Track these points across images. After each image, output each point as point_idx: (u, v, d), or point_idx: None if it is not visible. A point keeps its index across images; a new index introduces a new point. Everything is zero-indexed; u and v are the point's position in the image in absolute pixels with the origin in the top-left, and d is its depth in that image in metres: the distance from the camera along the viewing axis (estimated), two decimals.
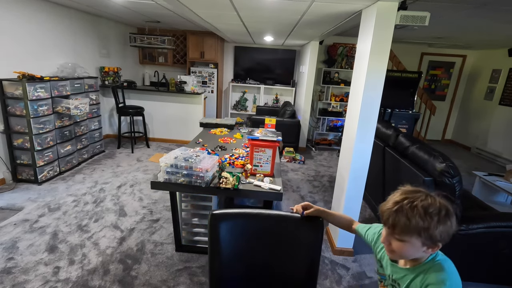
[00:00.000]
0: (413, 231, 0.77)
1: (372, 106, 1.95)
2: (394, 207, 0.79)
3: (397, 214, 0.78)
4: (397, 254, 0.83)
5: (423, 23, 1.89)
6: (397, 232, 0.78)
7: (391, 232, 0.80)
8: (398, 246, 0.80)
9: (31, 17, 3.26)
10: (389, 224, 0.79)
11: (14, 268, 1.89)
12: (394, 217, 0.78)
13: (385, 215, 0.80)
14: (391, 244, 0.82)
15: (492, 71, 5.49)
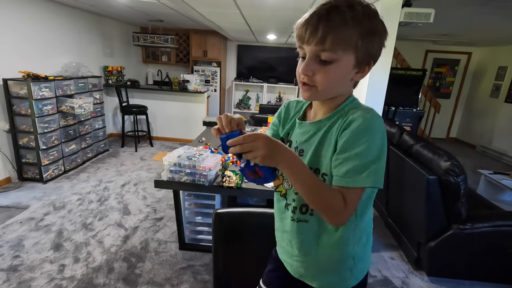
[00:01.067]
0: (350, 38, 0.59)
1: (376, 104, 1.94)
2: (324, 7, 0.59)
3: (330, 15, 0.58)
4: (319, 90, 0.64)
5: (428, 20, 1.87)
6: (328, 44, 0.58)
7: (318, 48, 0.59)
8: (325, 72, 0.61)
9: (36, 17, 3.28)
10: (317, 36, 0.58)
11: (20, 266, 1.91)
12: (325, 21, 0.58)
13: (310, 22, 0.59)
14: (314, 73, 0.62)
15: (498, 68, 5.42)
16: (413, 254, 2.13)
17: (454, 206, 1.85)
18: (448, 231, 1.89)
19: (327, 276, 0.77)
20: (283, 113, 0.83)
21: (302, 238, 0.75)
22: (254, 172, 0.65)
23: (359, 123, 0.62)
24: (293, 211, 0.75)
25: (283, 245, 0.83)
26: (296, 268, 0.80)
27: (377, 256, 2.25)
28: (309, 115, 0.77)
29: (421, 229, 1.99)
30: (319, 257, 0.75)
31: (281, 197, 0.79)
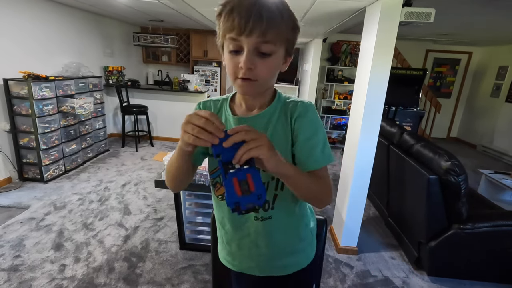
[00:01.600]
0: (285, 31, 0.60)
1: (376, 104, 1.93)
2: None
3: (269, 7, 0.57)
4: (260, 83, 0.63)
5: (428, 20, 1.87)
6: (270, 37, 0.57)
7: (260, 40, 0.57)
8: (265, 65, 0.60)
9: (36, 17, 3.29)
10: (261, 27, 0.56)
11: (21, 266, 1.92)
12: (268, 12, 0.56)
13: (252, 12, 0.55)
14: (256, 67, 0.59)
15: (499, 67, 5.41)
16: (414, 254, 2.13)
17: (455, 206, 1.85)
18: (449, 231, 1.89)
19: (295, 256, 0.81)
20: None
21: (270, 233, 0.76)
22: (244, 181, 0.52)
23: (311, 111, 0.68)
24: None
25: (243, 253, 0.80)
26: (264, 266, 0.80)
27: (378, 256, 2.25)
28: (239, 111, 0.73)
29: (421, 229, 1.99)
30: (287, 244, 0.79)
31: (224, 200, 0.76)
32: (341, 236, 2.25)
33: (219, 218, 0.81)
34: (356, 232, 2.21)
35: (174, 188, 0.76)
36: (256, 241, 0.76)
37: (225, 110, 0.75)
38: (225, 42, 0.62)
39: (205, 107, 0.76)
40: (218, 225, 0.83)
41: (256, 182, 0.52)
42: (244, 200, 0.51)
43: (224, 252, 0.85)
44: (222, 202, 0.77)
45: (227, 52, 0.62)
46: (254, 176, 0.52)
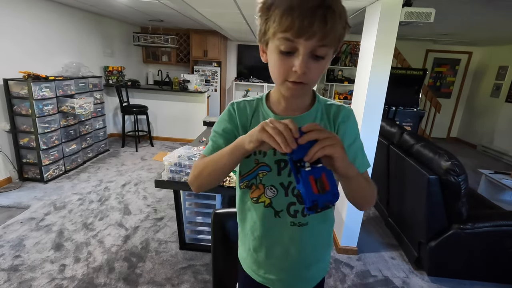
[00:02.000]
0: (341, 32, 0.56)
1: (376, 104, 1.93)
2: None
3: (332, 6, 0.53)
4: (310, 86, 0.62)
5: (428, 20, 1.87)
6: (329, 40, 0.55)
7: (319, 43, 0.54)
8: (318, 68, 0.58)
9: (36, 17, 3.29)
10: (324, 30, 0.53)
11: (21, 266, 1.92)
12: (331, 13, 0.53)
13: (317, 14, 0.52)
14: (310, 69, 0.57)
15: (499, 68, 5.41)
16: (414, 254, 2.13)
17: (455, 206, 1.85)
18: (449, 231, 1.89)
19: (321, 264, 0.81)
20: (237, 115, 0.72)
21: (304, 240, 0.73)
22: (319, 179, 0.52)
23: (353, 116, 0.72)
24: (294, 215, 0.71)
25: (270, 262, 0.76)
26: (291, 277, 0.76)
27: (378, 256, 2.25)
28: (278, 110, 0.71)
29: (421, 228, 1.99)
30: (317, 251, 0.78)
31: (266, 208, 0.72)
32: (341, 236, 2.25)
33: (249, 223, 0.76)
34: (356, 232, 2.21)
35: (203, 186, 0.71)
36: (288, 248, 0.73)
37: (262, 110, 0.72)
38: (274, 40, 0.58)
39: (239, 108, 0.73)
40: (246, 231, 0.78)
41: (331, 181, 0.52)
42: (321, 198, 0.51)
43: (249, 260, 0.80)
44: (257, 206, 0.73)
45: (275, 51, 0.58)
46: (328, 174, 0.53)
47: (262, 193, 0.72)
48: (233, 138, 0.68)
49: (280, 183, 0.70)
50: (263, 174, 0.71)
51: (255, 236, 0.76)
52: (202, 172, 0.69)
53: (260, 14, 0.60)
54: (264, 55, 0.66)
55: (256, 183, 0.72)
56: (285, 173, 0.70)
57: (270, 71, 0.63)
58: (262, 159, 0.70)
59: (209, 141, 0.74)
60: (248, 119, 0.72)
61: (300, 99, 0.69)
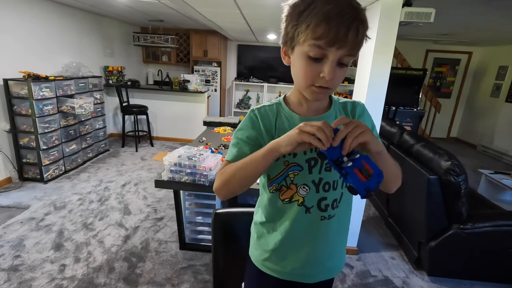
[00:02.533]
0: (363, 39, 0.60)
1: (376, 104, 1.93)
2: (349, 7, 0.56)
3: (362, 18, 0.57)
4: (332, 90, 0.65)
5: (428, 20, 1.87)
6: (357, 50, 0.60)
7: (348, 53, 0.58)
8: (342, 74, 0.63)
9: (36, 17, 3.29)
10: (355, 41, 0.57)
11: (21, 266, 1.92)
12: (362, 25, 0.57)
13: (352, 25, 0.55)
14: (336, 75, 0.61)
15: (499, 67, 5.42)
16: (414, 254, 2.13)
17: (455, 206, 1.85)
18: (449, 231, 1.89)
19: (341, 255, 0.84)
20: (261, 121, 0.73)
21: (330, 232, 0.77)
22: (363, 168, 0.56)
23: (365, 108, 0.78)
24: (324, 209, 0.74)
25: (298, 259, 0.77)
26: (317, 269, 0.80)
27: (378, 256, 2.25)
28: (300, 111, 0.74)
29: (421, 228, 1.99)
30: (339, 243, 0.82)
31: (299, 206, 0.73)
32: None
33: (280, 223, 0.77)
34: (356, 232, 2.21)
35: (232, 193, 0.72)
36: (317, 241, 0.76)
37: (284, 113, 0.74)
38: (303, 46, 0.60)
39: (260, 113, 0.74)
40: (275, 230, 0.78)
41: (371, 164, 0.57)
42: (370, 183, 0.56)
43: (272, 261, 0.80)
44: (289, 205, 0.74)
45: (304, 57, 0.61)
46: (367, 160, 0.57)
47: (294, 192, 0.73)
48: (258, 144, 0.71)
49: (312, 181, 0.72)
50: (295, 174, 0.72)
51: (285, 235, 0.77)
52: (231, 178, 0.69)
53: (289, 19, 0.62)
54: (286, 58, 0.68)
55: (287, 184, 0.73)
56: (316, 171, 0.72)
57: (294, 74, 0.66)
58: (293, 160, 0.71)
59: (231, 148, 0.75)
60: (271, 123, 0.73)
61: (321, 100, 0.73)
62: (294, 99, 0.74)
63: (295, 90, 0.73)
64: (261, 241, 0.83)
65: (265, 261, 0.82)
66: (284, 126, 0.72)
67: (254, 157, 0.65)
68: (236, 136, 0.75)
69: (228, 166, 0.71)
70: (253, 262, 0.85)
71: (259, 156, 0.65)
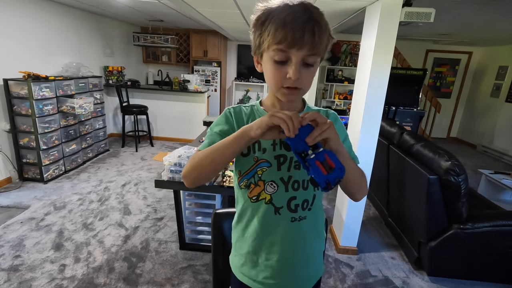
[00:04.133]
0: (326, 42, 0.64)
1: (376, 104, 1.93)
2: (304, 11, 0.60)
3: (318, 20, 0.61)
4: (303, 91, 0.68)
5: (428, 20, 1.87)
6: (317, 49, 0.62)
7: (309, 53, 0.62)
8: (310, 75, 0.66)
9: (36, 17, 3.29)
10: (313, 42, 0.60)
11: (21, 266, 1.92)
12: (318, 27, 0.61)
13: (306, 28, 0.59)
14: (302, 75, 0.64)
15: (499, 67, 5.41)
16: (414, 254, 2.13)
17: (455, 206, 1.85)
18: (449, 231, 1.89)
19: (317, 262, 0.83)
20: (234, 118, 0.76)
21: (302, 235, 0.76)
22: (325, 161, 0.59)
23: (338, 118, 0.79)
24: (294, 210, 0.73)
25: (269, 264, 0.76)
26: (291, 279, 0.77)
27: (378, 256, 2.25)
28: None
29: (421, 228, 1.99)
30: (314, 247, 0.81)
31: (266, 204, 0.74)
32: (341, 236, 2.25)
33: (249, 224, 0.77)
34: (356, 232, 2.21)
35: (201, 178, 0.72)
36: (287, 244, 0.75)
37: (258, 113, 0.77)
38: (268, 52, 0.64)
39: (235, 112, 0.77)
40: (245, 234, 0.78)
41: (334, 159, 0.59)
42: (331, 176, 0.58)
43: (247, 266, 0.80)
44: (256, 204, 0.75)
45: (270, 61, 0.65)
46: (330, 155, 0.60)
47: (262, 190, 0.73)
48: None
49: (280, 178, 0.72)
50: (263, 171, 0.73)
51: (255, 236, 0.76)
52: (201, 162, 0.69)
53: (254, 30, 0.67)
54: (259, 66, 0.72)
55: (255, 181, 0.74)
56: (285, 168, 0.72)
57: (266, 79, 0.70)
58: (262, 156, 0.72)
59: (205, 140, 0.76)
60: (244, 120, 0.77)
61: (293, 103, 0.76)
62: (269, 102, 0.77)
63: (270, 94, 0.76)
64: (237, 245, 0.83)
65: (242, 267, 0.81)
66: None
67: (226, 140, 0.67)
68: (210, 129, 0.78)
69: (197, 154, 0.72)
70: (232, 270, 0.85)
71: (230, 138, 0.66)
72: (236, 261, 0.83)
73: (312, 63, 0.64)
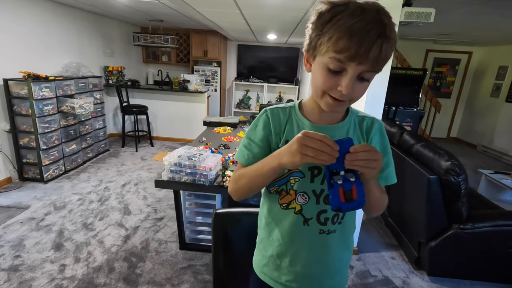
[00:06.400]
0: (391, 56, 0.58)
1: (376, 104, 1.93)
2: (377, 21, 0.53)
3: (389, 34, 0.54)
4: (350, 103, 0.64)
5: (428, 20, 1.87)
6: (380, 66, 0.57)
7: (369, 68, 0.56)
8: (363, 89, 0.61)
9: (36, 17, 3.29)
10: (378, 58, 0.55)
11: (21, 266, 1.92)
12: (387, 42, 0.54)
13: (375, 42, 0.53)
14: (354, 89, 0.59)
15: (499, 67, 5.41)
16: (414, 254, 2.13)
17: (455, 206, 1.85)
18: (449, 230, 1.89)
19: (342, 274, 0.81)
20: (272, 122, 0.73)
21: (331, 247, 0.74)
22: (349, 192, 0.58)
23: (384, 130, 0.73)
24: (324, 223, 0.71)
25: (294, 270, 0.75)
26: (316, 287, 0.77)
27: (378, 256, 2.25)
28: (313, 118, 0.72)
29: (421, 228, 1.99)
30: (341, 260, 0.78)
31: (296, 214, 0.72)
32: None
33: (276, 229, 0.76)
34: (356, 232, 2.21)
35: (243, 197, 0.75)
36: (314, 256, 0.74)
37: (296, 118, 0.73)
38: (323, 57, 0.58)
39: (273, 114, 0.73)
40: (272, 237, 0.77)
41: (359, 192, 0.58)
42: (346, 205, 0.58)
43: (270, 267, 0.79)
44: (286, 212, 0.73)
45: (323, 67, 0.59)
46: (358, 187, 0.58)
47: (293, 199, 0.72)
48: (268, 144, 0.73)
49: (312, 190, 0.70)
50: (296, 180, 0.71)
51: (281, 242, 0.75)
52: (242, 188, 0.73)
53: (313, 27, 0.60)
54: (308, 65, 0.66)
55: (287, 189, 0.72)
56: (318, 180, 0.70)
57: (313, 83, 0.64)
58: None
59: (243, 149, 0.75)
60: (281, 126, 0.73)
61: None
62: (309, 106, 0.73)
63: (311, 98, 0.71)
64: (260, 246, 0.82)
65: (264, 267, 0.80)
66: (292, 131, 0.71)
67: (261, 172, 0.67)
68: (248, 136, 0.75)
69: (239, 174, 0.73)
70: (254, 268, 0.85)
71: (265, 169, 0.66)
72: (258, 260, 0.83)
73: (368, 78, 0.59)
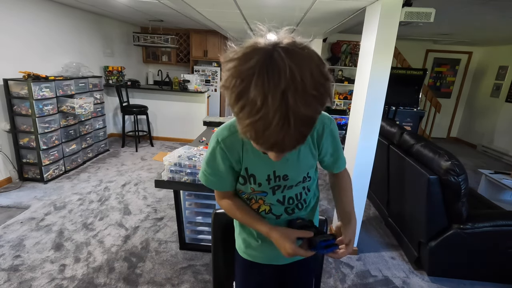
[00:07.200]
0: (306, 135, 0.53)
1: (377, 104, 1.93)
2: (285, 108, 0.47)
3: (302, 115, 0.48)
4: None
5: (428, 20, 1.87)
6: (299, 145, 0.54)
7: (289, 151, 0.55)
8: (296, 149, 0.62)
9: (36, 17, 3.29)
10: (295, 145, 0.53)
11: (21, 266, 1.92)
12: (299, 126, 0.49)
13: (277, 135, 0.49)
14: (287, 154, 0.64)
15: (499, 67, 5.41)
16: (414, 254, 2.13)
17: (455, 206, 1.85)
18: (449, 230, 1.89)
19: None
20: (229, 155, 0.75)
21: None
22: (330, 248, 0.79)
23: (334, 125, 0.80)
24: (292, 213, 0.86)
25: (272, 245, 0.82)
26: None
27: (378, 256, 2.25)
28: None
29: (421, 228, 1.99)
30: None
31: (266, 214, 0.85)
32: None
33: None
34: (356, 232, 2.21)
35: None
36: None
37: (249, 144, 0.72)
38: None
39: (227, 147, 0.74)
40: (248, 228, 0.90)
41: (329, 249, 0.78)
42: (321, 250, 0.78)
43: (252, 247, 0.92)
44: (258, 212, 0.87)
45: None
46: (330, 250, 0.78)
47: (261, 205, 0.84)
48: (232, 170, 0.79)
49: (277, 200, 0.82)
50: (260, 197, 0.83)
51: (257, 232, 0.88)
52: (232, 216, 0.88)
53: (225, 86, 0.51)
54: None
55: (256, 199, 0.84)
56: (279, 192, 0.81)
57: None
58: (258, 188, 0.80)
59: (208, 176, 0.81)
60: (239, 154, 0.76)
61: None
62: None
63: None
64: (240, 229, 0.94)
65: (247, 248, 0.93)
66: (250, 159, 0.76)
67: (249, 224, 0.83)
68: (210, 166, 0.79)
69: (228, 209, 0.86)
70: (238, 252, 0.96)
71: (252, 226, 0.83)
72: (240, 243, 0.95)
73: (296, 149, 0.57)
